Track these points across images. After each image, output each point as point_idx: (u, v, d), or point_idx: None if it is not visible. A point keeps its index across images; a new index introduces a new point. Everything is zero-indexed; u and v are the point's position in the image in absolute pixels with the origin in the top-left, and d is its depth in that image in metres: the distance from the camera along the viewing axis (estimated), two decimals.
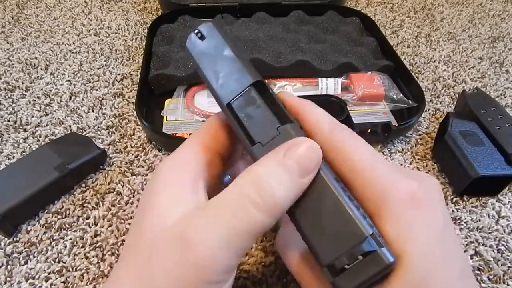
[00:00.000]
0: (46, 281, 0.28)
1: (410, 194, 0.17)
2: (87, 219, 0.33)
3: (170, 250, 0.17)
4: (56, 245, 0.30)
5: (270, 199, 0.17)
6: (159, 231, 0.18)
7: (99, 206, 0.34)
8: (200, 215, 0.17)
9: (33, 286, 0.28)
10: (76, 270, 0.29)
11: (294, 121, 0.20)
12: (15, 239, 0.31)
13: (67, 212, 0.33)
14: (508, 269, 0.31)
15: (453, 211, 0.35)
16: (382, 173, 0.18)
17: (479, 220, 0.34)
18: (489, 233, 0.33)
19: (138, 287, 0.18)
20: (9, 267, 0.29)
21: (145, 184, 0.36)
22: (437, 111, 0.46)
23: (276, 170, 0.17)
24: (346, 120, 0.39)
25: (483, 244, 0.33)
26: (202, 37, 0.21)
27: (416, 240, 0.16)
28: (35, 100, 0.44)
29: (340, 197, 0.17)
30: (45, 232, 0.31)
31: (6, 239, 0.31)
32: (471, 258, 0.32)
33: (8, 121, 0.41)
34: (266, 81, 0.46)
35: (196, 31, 0.21)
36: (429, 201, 0.17)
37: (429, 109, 0.46)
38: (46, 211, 0.33)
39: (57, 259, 0.30)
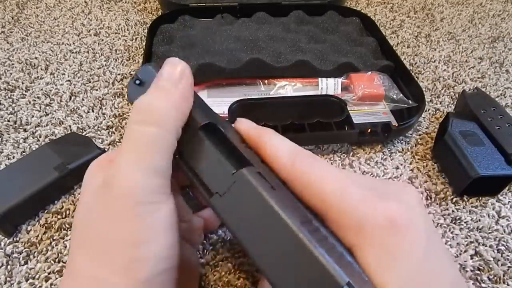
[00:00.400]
0: (46, 281, 0.28)
1: (389, 219, 0.16)
2: None
3: (96, 194, 0.19)
4: (56, 245, 0.30)
5: (147, 110, 0.19)
6: (91, 190, 0.20)
7: None
8: (115, 162, 0.19)
9: (33, 286, 0.28)
10: None
11: (252, 160, 0.18)
12: (15, 239, 0.31)
13: (67, 212, 0.33)
14: (508, 269, 0.31)
15: (453, 211, 0.35)
16: (356, 199, 0.17)
17: (479, 220, 0.34)
18: (489, 233, 0.33)
19: (77, 238, 0.19)
20: (9, 267, 0.29)
21: None
22: (437, 111, 0.46)
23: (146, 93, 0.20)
24: (346, 120, 0.39)
25: (483, 244, 0.33)
26: (140, 83, 0.21)
27: (398, 268, 0.16)
28: (35, 100, 0.44)
29: (308, 244, 0.15)
30: (45, 232, 0.31)
31: (6, 239, 0.31)
32: (471, 258, 0.32)
33: (8, 121, 0.41)
34: (264, 81, 0.46)
35: (134, 78, 0.21)
36: (410, 221, 0.17)
37: (429, 109, 0.46)
38: (46, 211, 0.33)
39: (57, 259, 0.30)
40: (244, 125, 0.21)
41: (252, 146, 0.20)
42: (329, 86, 0.45)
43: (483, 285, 0.30)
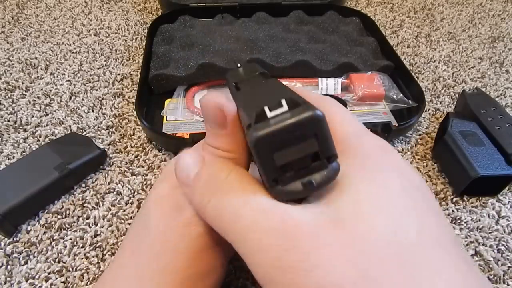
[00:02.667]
0: (46, 281, 0.28)
1: (381, 145, 0.17)
2: (87, 219, 0.33)
3: (164, 215, 0.20)
4: (56, 245, 0.30)
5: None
6: (155, 203, 0.20)
7: (99, 206, 0.34)
8: None
9: (33, 286, 0.28)
10: (76, 270, 0.29)
11: None
12: (15, 239, 0.31)
13: (67, 212, 0.33)
14: (508, 269, 0.31)
15: (453, 211, 0.35)
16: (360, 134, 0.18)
17: (479, 220, 0.34)
18: (489, 233, 0.33)
19: (134, 257, 0.20)
20: (9, 267, 0.29)
21: (145, 184, 0.36)
22: (437, 111, 0.46)
23: None
24: None
25: (483, 244, 0.33)
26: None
27: (372, 180, 0.15)
28: (35, 100, 0.44)
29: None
30: (45, 232, 0.31)
31: (6, 239, 0.31)
32: (471, 258, 0.32)
33: (8, 121, 0.41)
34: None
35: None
36: (402, 162, 0.17)
37: (429, 109, 0.46)
38: (46, 211, 0.33)
39: (57, 259, 0.30)
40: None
41: None
42: (329, 86, 0.45)
43: None
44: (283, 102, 0.14)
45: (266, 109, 0.14)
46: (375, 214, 0.14)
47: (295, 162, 0.14)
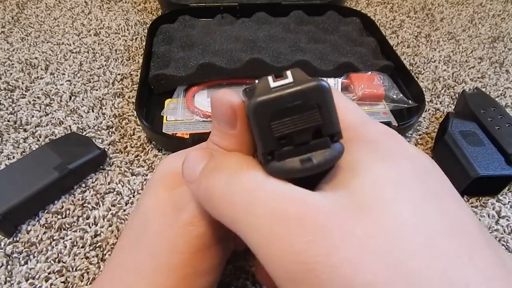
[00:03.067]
0: (46, 281, 0.28)
1: (386, 131, 0.16)
2: (87, 219, 0.32)
3: (163, 215, 0.19)
4: (56, 245, 0.30)
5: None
6: (154, 203, 0.20)
7: (99, 206, 0.34)
8: (186, 187, 0.19)
9: (33, 286, 0.28)
10: (76, 270, 0.29)
11: None
12: (15, 239, 0.31)
13: (67, 212, 0.33)
14: None
15: None
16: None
17: (479, 220, 0.34)
18: (489, 233, 0.33)
19: (132, 256, 0.19)
20: (9, 267, 0.29)
21: (145, 184, 0.36)
22: (437, 111, 0.46)
23: None
24: None
25: None
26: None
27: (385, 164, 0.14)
28: (35, 100, 0.44)
29: None
30: (45, 232, 0.31)
31: (6, 239, 0.31)
32: None
33: (8, 121, 0.41)
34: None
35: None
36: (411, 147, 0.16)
37: (429, 109, 0.46)
38: (46, 211, 0.33)
39: (57, 259, 0.30)
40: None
41: None
42: None
43: None
44: (288, 73, 0.13)
45: (270, 79, 0.13)
46: (398, 200, 0.13)
47: (295, 135, 0.13)
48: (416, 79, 0.47)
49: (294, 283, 0.12)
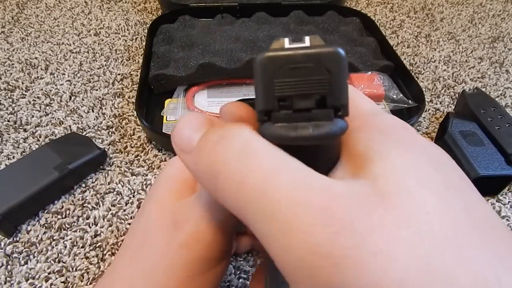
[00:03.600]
0: (46, 281, 0.28)
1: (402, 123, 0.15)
2: (87, 219, 0.32)
3: (163, 230, 0.19)
4: (56, 245, 0.30)
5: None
6: (156, 212, 0.20)
7: (99, 206, 0.34)
8: (188, 201, 0.19)
9: (33, 286, 0.28)
10: (76, 270, 0.29)
11: None
12: (15, 239, 0.31)
13: (67, 212, 0.33)
14: None
15: None
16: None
17: None
18: None
19: (131, 268, 0.19)
20: (9, 267, 0.29)
21: (145, 184, 0.36)
22: (437, 111, 0.46)
23: None
24: None
25: None
26: None
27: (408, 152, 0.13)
28: (35, 100, 0.44)
29: None
30: (45, 232, 0.31)
31: (6, 239, 0.31)
32: None
33: (8, 121, 0.41)
34: None
35: None
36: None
37: (429, 109, 0.46)
38: (46, 211, 0.33)
39: (57, 259, 0.30)
40: None
41: None
42: None
43: None
44: (307, 38, 0.13)
45: (286, 40, 0.13)
46: (422, 188, 0.12)
47: (297, 100, 0.12)
48: (416, 79, 0.47)
49: (312, 278, 0.11)
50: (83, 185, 0.35)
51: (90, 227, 0.32)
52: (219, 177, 0.13)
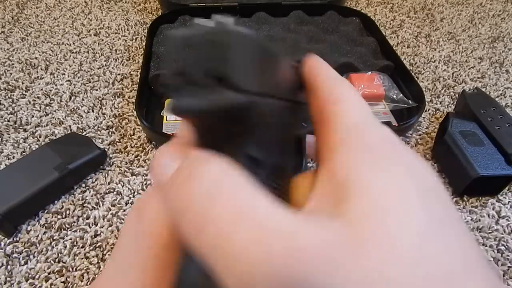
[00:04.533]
0: (46, 281, 0.28)
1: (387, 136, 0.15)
2: (87, 219, 0.32)
3: (130, 223, 0.18)
4: (56, 245, 0.30)
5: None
6: (128, 215, 0.19)
7: (99, 206, 0.34)
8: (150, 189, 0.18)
9: (33, 286, 0.28)
10: (76, 270, 0.29)
11: None
12: (15, 239, 0.31)
13: (67, 212, 0.33)
14: (508, 269, 0.31)
15: None
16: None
17: (479, 220, 0.34)
18: (489, 233, 0.33)
19: (114, 259, 0.19)
20: (9, 267, 0.29)
21: (145, 184, 0.36)
22: (437, 111, 0.46)
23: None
24: None
25: (483, 244, 0.33)
26: None
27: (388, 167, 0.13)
28: (35, 100, 0.44)
29: None
30: (45, 232, 0.31)
31: (6, 239, 0.31)
32: None
33: (8, 121, 0.41)
34: None
35: None
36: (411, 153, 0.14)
37: (429, 109, 0.46)
38: (46, 211, 0.33)
39: (57, 259, 0.30)
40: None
41: None
42: None
43: None
44: (218, 17, 0.13)
45: (201, 20, 0.13)
46: (404, 227, 0.11)
47: (193, 74, 0.13)
48: (416, 79, 0.47)
49: None
50: (83, 185, 0.35)
51: (90, 227, 0.32)
52: (183, 218, 0.13)
